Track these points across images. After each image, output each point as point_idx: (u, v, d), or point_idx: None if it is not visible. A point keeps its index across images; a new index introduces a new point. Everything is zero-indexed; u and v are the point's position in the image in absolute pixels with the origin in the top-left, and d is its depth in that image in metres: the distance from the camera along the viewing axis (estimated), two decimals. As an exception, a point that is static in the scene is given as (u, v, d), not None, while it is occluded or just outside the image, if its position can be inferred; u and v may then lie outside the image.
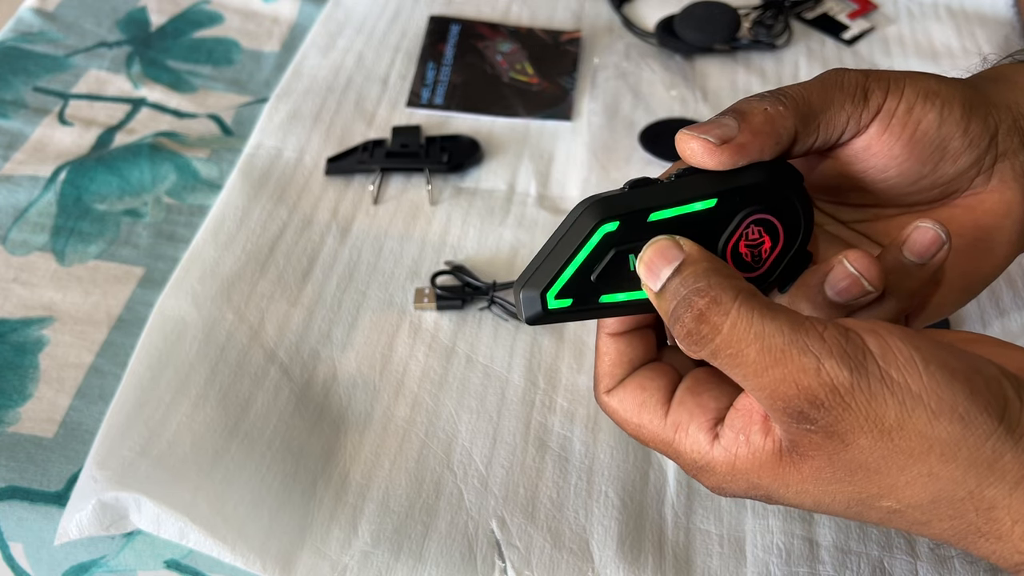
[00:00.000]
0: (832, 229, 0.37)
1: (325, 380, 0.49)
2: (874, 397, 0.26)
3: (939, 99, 0.32)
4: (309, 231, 0.57)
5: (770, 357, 0.27)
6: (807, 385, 0.26)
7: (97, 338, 0.51)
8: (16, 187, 0.59)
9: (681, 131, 0.31)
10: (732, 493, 0.31)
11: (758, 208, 0.31)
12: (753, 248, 0.32)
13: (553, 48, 0.71)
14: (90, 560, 0.44)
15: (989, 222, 0.34)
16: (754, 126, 0.31)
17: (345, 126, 0.64)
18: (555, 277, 0.30)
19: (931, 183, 0.34)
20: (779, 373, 0.27)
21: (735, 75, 0.69)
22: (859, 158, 0.33)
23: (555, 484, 0.45)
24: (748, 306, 0.27)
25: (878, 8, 0.76)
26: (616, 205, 0.30)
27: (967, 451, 0.26)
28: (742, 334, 0.27)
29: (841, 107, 0.32)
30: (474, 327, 0.52)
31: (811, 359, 0.26)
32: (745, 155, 0.30)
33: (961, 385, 0.26)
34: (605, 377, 0.34)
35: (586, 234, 0.30)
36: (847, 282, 0.30)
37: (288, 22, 0.74)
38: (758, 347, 0.27)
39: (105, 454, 0.44)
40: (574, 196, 0.60)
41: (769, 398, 0.27)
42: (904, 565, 0.42)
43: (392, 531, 0.43)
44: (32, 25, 0.72)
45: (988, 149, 0.34)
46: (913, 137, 0.32)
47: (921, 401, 0.26)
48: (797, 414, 0.27)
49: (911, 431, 0.26)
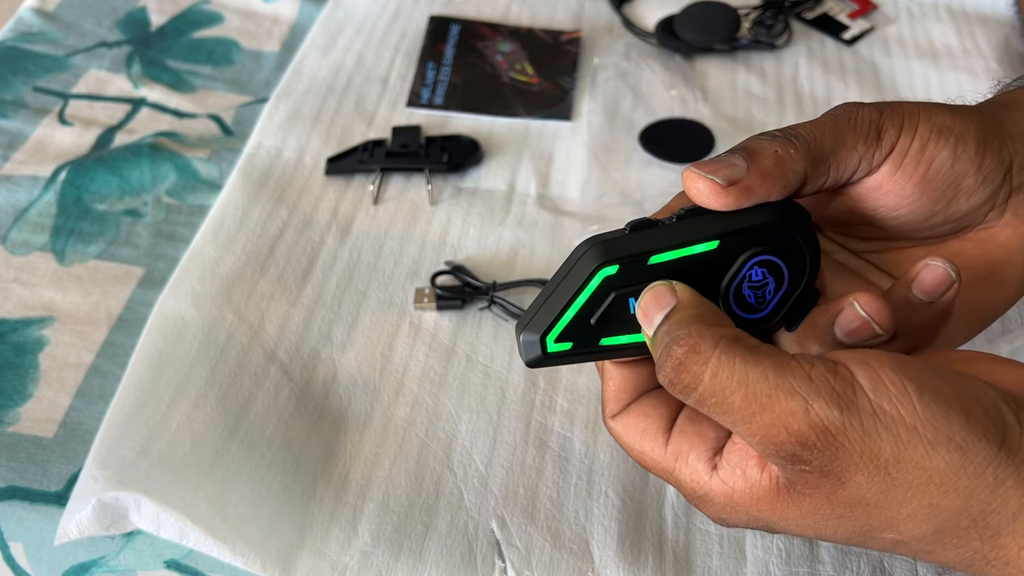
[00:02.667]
0: (841, 258, 0.36)
1: (325, 380, 0.49)
2: (867, 433, 0.26)
3: (952, 135, 0.32)
4: (309, 231, 0.57)
5: (756, 403, 0.26)
6: (796, 429, 0.26)
7: (97, 338, 0.51)
8: (16, 187, 0.59)
9: (688, 169, 0.30)
10: (733, 524, 0.31)
11: (761, 250, 0.31)
12: (757, 290, 0.31)
13: (553, 48, 0.71)
14: (90, 560, 0.44)
15: (1001, 256, 0.34)
16: (763, 168, 0.30)
17: (345, 126, 0.64)
18: (555, 321, 0.30)
19: (944, 219, 0.33)
20: (767, 419, 0.26)
21: (735, 75, 0.69)
22: (870, 196, 0.33)
23: (555, 484, 0.45)
24: (729, 354, 0.27)
25: (878, 8, 0.76)
26: (616, 248, 0.30)
27: (967, 480, 0.26)
28: (724, 383, 0.27)
29: (853, 148, 0.31)
30: (474, 327, 0.52)
31: (799, 401, 0.26)
32: (752, 197, 0.30)
33: (957, 414, 0.26)
34: (611, 402, 0.33)
35: (586, 277, 0.30)
36: (857, 324, 0.30)
37: (288, 22, 0.74)
38: (743, 395, 0.26)
39: (105, 454, 0.44)
40: (574, 196, 0.60)
41: (760, 443, 0.27)
42: (904, 565, 0.42)
43: (392, 531, 0.43)
44: (32, 25, 0.72)
45: (1003, 184, 0.33)
46: (926, 176, 0.32)
47: (916, 433, 0.26)
48: (790, 457, 0.27)
49: (908, 464, 0.26)
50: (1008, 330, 0.53)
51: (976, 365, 0.29)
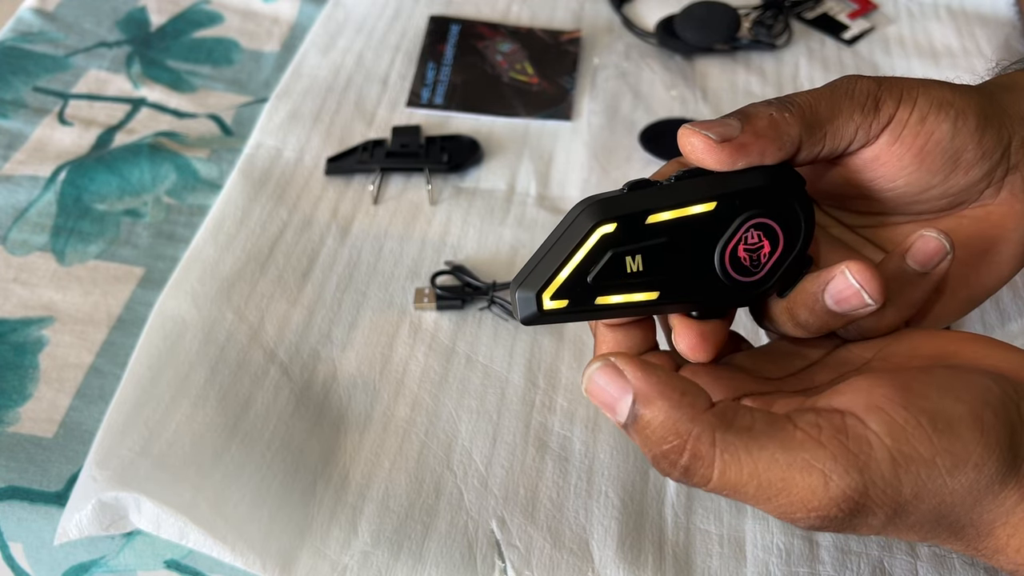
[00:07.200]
0: (835, 232, 0.36)
1: (325, 380, 0.49)
2: (888, 484, 0.26)
3: (953, 109, 0.32)
4: (309, 231, 0.57)
5: (772, 489, 0.26)
6: (817, 505, 0.26)
7: (97, 338, 0.51)
8: (16, 187, 0.59)
9: (684, 126, 0.31)
10: None
11: (758, 212, 0.31)
12: (752, 252, 0.32)
13: (553, 48, 0.71)
14: (90, 560, 0.44)
15: (996, 234, 0.34)
16: (757, 128, 0.30)
17: (345, 126, 0.64)
18: (551, 278, 0.30)
19: (940, 193, 0.33)
20: (785, 500, 0.26)
21: (735, 75, 0.69)
22: (868, 167, 0.33)
23: (555, 484, 0.45)
24: (732, 449, 0.26)
25: (878, 8, 0.76)
26: (614, 207, 0.30)
27: (978, 491, 0.26)
28: (735, 477, 0.26)
29: (850, 117, 0.31)
30: (474, 327, 0.52)
31: (816, 477, 0.25)
32: (745, 156, 0.30)
33: (971, 432, 0.26)
34: None
35: (583, 235, 0.30)
36: (847, 293, 0.30)
37: (288, 22, 0.74)
38: (755, 485, 0.26)
39: (105, 454, 0.44)
40: (574, 196, 0.60)
41: (783, 518, 0.27)
42: (904, 565, 0.42)
43: (392, 531, 0.43)
44: (32, 25, 0.72)
45: (1000, 161, 0.33)
46: (924, 148, 0.32)
47: (936, 466, 0.25)
48: (812, 527, 0.27)
49: (927, 495, 0.26)
50: (1006, 324, 0.53)
51: (973, 346, 0.29)
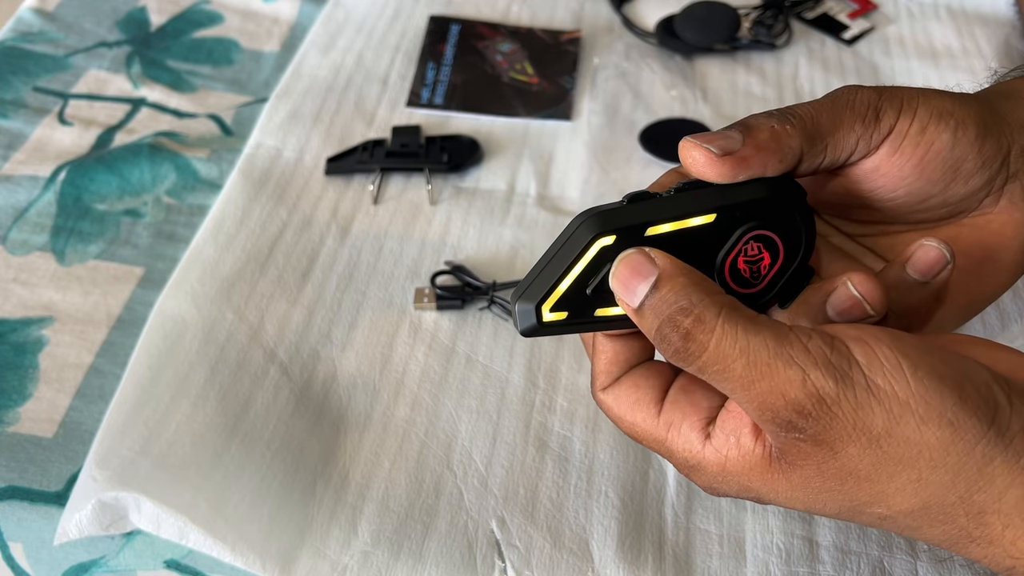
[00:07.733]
0: (836, 241, 0.36)
1: (325, 380, 0.49)
2: (860, 406, 0.26)
3: (953, 119, 0.32)
4: (309, 231, 0.57)
5: (756, 371, 0.27)
6: (793, 396, 0.27)
7: (97, 338, 0.51)
8: (16, 187, 0.59)
9: (685, 139, 0.31)
10: (724, 493, 0.32)
11: (757, 224, 0.31)
12: (752, 264, 0.32)
13: (553, 48, 0.71)
14: (90, 560, 0.44)
15: (995, 242, 0.34)
16: (759, 141, 0.30)
17: (345, 126, 0.64)
18: (550, 290, 0.30)
19: (940, 202, 0.34)
20: (766, 386, 0.27)
21: (735, 75, 0.69)
22: (868, 178, 0.33)
23: (555, 484, 0.45)
24: (732, 321, 0.28)
25: (878, 8, 0.76)
26: (613, 219, 0.30)
27: (956, 456, 0.26)
28: (727, 350, 0.27)
29: (851, 128, 0.32)
30: (474, 327, 0.52)
31: (796, 371, 0.27)
32: (746, 169, 0.30)
33: (950, 391, 0.26)
34: (601, 375, 0.34)
35: (582, 247, 0.30)
36: (849, 303, 0.30)
37: (288, 22, 0.74)
38: (744, 362, 0.27)
39: (105, 454, 0.44)
40: (574, 196, 0.60)
41: (757, 410, 0.28)
42: (904, 565, 0.42)
43: (392, 531, 0.43)
44: (32, 25, 0.72)
45: (1000, 170, 0.33)
46: (925, 158, 0.32)
47: (909, 408, 0.26)
48: (785, 424, 0.27)
49: (899, 438, 0.26)
50: (1008, 326, 0.53)
51: (971, 348, 0.29)
